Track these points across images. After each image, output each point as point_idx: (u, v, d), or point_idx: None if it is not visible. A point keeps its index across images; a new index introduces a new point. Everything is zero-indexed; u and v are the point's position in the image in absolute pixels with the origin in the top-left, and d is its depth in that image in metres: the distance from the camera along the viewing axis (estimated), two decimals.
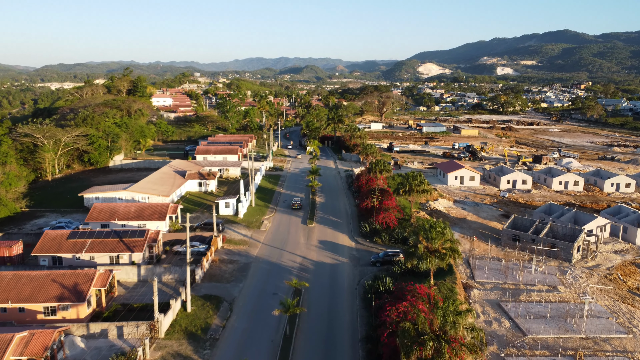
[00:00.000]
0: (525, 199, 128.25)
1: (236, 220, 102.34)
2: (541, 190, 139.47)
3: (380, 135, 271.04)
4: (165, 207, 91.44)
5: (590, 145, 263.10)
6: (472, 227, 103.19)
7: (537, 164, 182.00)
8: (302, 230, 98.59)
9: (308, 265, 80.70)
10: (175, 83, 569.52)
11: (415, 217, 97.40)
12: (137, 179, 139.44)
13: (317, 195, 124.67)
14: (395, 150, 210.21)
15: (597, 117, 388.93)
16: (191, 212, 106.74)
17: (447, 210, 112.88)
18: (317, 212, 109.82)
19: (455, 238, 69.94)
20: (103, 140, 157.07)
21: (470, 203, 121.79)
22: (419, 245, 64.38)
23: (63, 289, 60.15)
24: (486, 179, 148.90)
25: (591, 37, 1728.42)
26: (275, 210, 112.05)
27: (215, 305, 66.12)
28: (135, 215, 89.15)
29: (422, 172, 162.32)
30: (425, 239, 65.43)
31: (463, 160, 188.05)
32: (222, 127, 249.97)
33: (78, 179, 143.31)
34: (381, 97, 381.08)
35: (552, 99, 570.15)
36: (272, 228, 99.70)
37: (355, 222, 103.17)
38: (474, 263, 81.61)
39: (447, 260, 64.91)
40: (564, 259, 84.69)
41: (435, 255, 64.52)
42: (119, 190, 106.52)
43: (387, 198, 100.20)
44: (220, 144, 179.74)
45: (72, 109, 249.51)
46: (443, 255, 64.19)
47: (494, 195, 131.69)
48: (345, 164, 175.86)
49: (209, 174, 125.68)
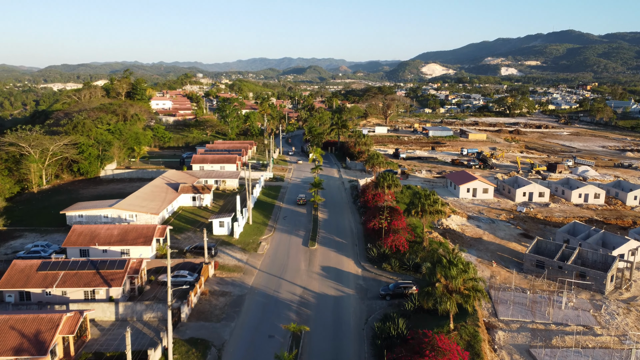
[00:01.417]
0: (544, 214, 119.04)
1: (231, 242, 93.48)
2: (559, 203, 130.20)
3: (385, 140, 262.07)
4: (151, 229, 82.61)
5: (602, 150, 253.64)
6: (490, 249, 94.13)
7: (552, 172, 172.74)
8: (303, 253, 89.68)
9: (309, 298, 71.77)
10: (177, 84, 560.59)
11: (427, 239, 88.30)
12: (129, 191, 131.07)
13: (319, 211, 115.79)
14: (402, 157, 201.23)
15: (606, 119, 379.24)
16: (183, 232, 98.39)
17: (461, 229, 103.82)
18: (320, 232, 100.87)
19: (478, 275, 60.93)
20: (93, 149, 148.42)
21: (485, 220, 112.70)
22: (437, 284, 55.40)
23: (23, 338, 51.48)
24: (500, 191, 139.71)
25: (596, 37, 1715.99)
26: (274, 229, 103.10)
27: (201, 352, 57.34)
28: (118, 240, 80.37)
29: (431, 183, 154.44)
30: (444, 277, 56.51)
31: (473, 169, 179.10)
32: (222, 132, 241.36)
33: (66, 191, 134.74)
34: (385, 100, 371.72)
35: (559, 101, 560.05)
36: (270, 251, 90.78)
37: (362, 244, 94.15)
38: (496, 296, 72.56)
39: (471, 303, 55.84)
40: (596, 290, 75.62)
41: (455, 296, 55.55)
42: (104, 208, 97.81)
43: (397, 217, 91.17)
44: (218, 152, 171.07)
45: (67, 113, 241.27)
46: (465, 297, 55.21)
47: (510, 209, 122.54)
48: (349, 173, 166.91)
49: (203, 188, 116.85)
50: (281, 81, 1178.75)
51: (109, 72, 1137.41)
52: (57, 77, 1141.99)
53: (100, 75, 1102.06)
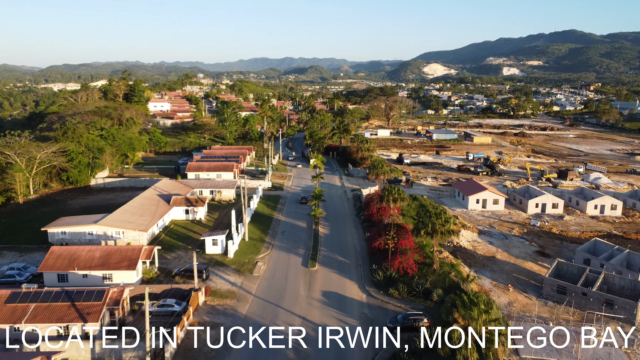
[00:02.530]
0: (559, 228, 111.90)
1: (225, 262, 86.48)
2: (574, 215, 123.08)
3: (388, 144, 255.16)
4: (136, 251, 75.58)
5: (611, 153, 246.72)
6: (505, 269, 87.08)
7: (563, 180, 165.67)
8: (303, 275, 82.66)
9: (309, 331, 64.58)
10: (177, 85, 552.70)
11: (437, 260, 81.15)
12: (119, 201, 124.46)
13: (320, 225, 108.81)
14: (406, 163, 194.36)
15: (612, 122, 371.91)
16: (173, 250, 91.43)
17: (473, 246, 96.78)
18: (321, 249, 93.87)
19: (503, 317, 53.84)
20: (84, 157, 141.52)
21: (498, 235, 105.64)
22: (455, 330, 48.27)
23: None
24: (511, 202, 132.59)
25: (598, 37, 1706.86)
26: (272, 246, 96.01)
27: None
28: (100, 263, 73.42)
29: (438, 192, 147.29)
30: (462, 317, 49.50)
31: (480, 175, 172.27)
32: (221, 136, 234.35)
33: (53, 202, 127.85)
34: (388, 101, 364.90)
35: (563, 102, 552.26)
36: (267, 272, 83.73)
37: (366, 264, 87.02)
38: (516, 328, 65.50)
39: (494, 350, 48.67)
40: (625, 321, 68.60)
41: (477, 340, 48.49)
42: (89, 224, 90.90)
43: (404, 236, 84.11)
44: (215, 158, 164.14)
45: (61, 117, 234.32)
46: (489, 343, 48.07)
47: (522, 222, 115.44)
48: (352, 181, 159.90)
49: (197, 200, 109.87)
50: (282, 81, 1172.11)
51: (110, 72, 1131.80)
52: (57, 77, 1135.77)
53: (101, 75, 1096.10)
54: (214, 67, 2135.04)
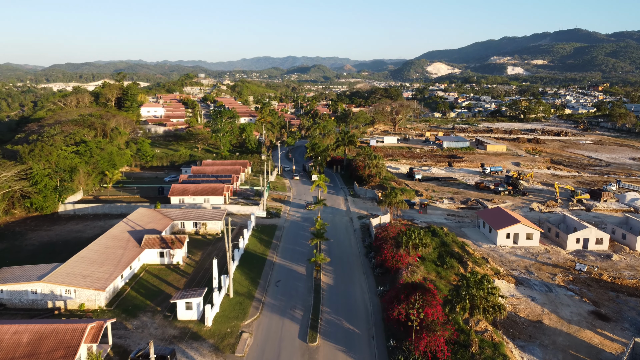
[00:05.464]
0: (610, 274, 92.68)
1: (201, 333, 67.63)
2: (623, 253, 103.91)
3: (395, 153, 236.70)
4: (77, 334, 56.68)
5: (633, 162, 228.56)
6: (557, 343, 68.07)
7: (596, 201, 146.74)
8: (300, 356, 63.76)
9: None
10: (176, 86, 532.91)
11: (476, 341, 62.06)
12: (88, 234, 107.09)
13: (323, 271, 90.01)
14: (417, 178, 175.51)
15: (629, 126, 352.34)
16: (136, 315, 72.34)
17: (512, 306, 77.72)
18: (323, 310, 75.00)
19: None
20: (50, 180, 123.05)
21: (539, 285, 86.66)
22: None
23: None
24: (545, 234, 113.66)
25: (603, 36, 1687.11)
26: (262, 305, 76.98)
27: None
28: (27, 354, 54.62)
29: (457, 218, 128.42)
30: None
31: (502, 195, 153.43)
32: (215, 146, 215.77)
33: (10, 234, 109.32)
34: (393, 106, 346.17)
35: (574, 104, 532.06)
36: (254, 350, 64.62)
37: (381, 338, 67.82)
38: None
39: None
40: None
41: None
42: (33, 282, 72.17)
43: (430, 301, 65.03)
44: (205, 177, 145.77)
45: (41, 126, 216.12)
46: None
47: (564, 266, 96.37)
48: (358, 204, 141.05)
49: (173, 242, 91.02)
50: (285, 80, 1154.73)
51: (112, 71, 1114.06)
52: (59, 77, 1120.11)
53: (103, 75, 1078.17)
54: (216, 66, 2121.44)
